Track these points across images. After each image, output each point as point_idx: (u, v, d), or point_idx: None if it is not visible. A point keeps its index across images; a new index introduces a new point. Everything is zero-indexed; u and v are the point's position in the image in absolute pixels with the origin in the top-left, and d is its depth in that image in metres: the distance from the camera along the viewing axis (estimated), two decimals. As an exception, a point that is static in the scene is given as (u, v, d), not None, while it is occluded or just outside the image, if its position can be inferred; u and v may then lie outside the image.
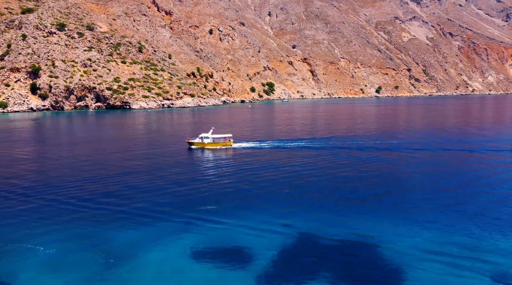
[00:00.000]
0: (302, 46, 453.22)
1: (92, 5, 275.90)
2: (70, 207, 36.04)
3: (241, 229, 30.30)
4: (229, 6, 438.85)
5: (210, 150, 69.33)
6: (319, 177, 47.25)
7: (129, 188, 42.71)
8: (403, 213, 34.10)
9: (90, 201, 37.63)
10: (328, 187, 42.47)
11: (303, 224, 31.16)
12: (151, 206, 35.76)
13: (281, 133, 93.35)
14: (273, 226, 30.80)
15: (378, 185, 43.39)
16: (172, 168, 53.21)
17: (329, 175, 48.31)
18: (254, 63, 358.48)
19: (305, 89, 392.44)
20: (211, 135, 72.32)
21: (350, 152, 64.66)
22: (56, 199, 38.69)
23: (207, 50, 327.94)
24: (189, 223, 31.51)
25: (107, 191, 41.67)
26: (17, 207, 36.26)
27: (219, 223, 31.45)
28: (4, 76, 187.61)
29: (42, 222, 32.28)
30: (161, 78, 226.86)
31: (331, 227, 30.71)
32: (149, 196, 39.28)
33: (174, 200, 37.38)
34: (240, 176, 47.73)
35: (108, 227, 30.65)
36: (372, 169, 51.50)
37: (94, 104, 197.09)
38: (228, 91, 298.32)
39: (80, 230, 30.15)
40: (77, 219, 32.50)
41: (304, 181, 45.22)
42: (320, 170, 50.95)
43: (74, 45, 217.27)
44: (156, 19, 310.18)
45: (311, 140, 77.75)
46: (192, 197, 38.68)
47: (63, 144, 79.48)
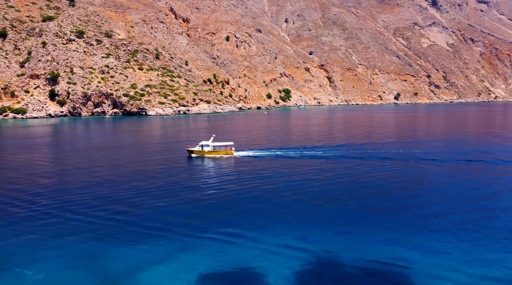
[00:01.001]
0: (319, 53, 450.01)
1: (111, 13, 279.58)
2: (73, 219, 34.08)
3: (253, 248, 27.68)
4: (246, 13, 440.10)
5: (211, 158, 66.59)
6: (334, 189, 44.28)
7: (133, 199, 40.66)
8: (433, 230, 30.96)
9: (95, 213, 35.65)
10: (346, 201, 39.51)
11: (320, 244, 28.34)
12: (155, 221, 33.37)
13: (294, 141, 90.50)
14: (288, 246, 28.05)
15: (402, 199, 40.22)
16: (180, 180, 51.03)
17: (347, 187, 45.29)
18: (270, 70, 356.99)
19: (322, 96, 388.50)
20: (212, 143, 69.38)
21: (369, 161, 61.37)
22: (60, 209, 36.90)
23: (224, 57, 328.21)
24: (197, 240, 28.99)
25: (111, 201, 39.73)
26: (17, 216, 34.57)
27: (230, 241, 28.87)
28: (24, 83, 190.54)
29: (41, 234, 30.38)
30: (178, 85, 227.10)
31: (353, 248, 27.83)
32: (155, 209, 37.03)
33: (179, 214, 34.84)
34: (248, 188, 44.97)
35: (111, 243, 28.37)
36: (394, 180, 48.25)
37: (111, 111, 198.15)
38: (244, 97, 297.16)
39: (80, 246, 27.99)
40: (78, 233, 30.39)
41: (319, 194, 42.34)
42: (335, 181, 47.94)
43: (92, 52, 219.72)
44: (174, 27, 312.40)
45: (327, 149, 74.67)
46: (198, 211, 36.15)
47: (77, 151, 78.52)
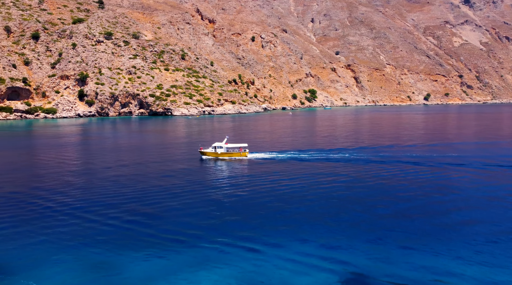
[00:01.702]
0: (345, 53, 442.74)
1: (139, 14, 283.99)
2: (90, 221, 33.23)
3: (275, 258, 25.83)
4: (271, 14, 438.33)
5: (224, 160, 64.61)
6: (360, 194, 41.77)
7: (150, 203, 39.58)
8: (469, 240, 28.24)
9: (111, 215, 34.69)
10: (373, 207, 37.04)
11: (352, 258, 26.13)
12: (171, 228, 31.83)
13: (317, 142, 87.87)
14: (313, 256, 26.06)
15: (432, 205, 37.36)
16: (196, 183, 49.72)
17: (374, 192, 42.69)
18: (296, 70, 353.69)
19: (348, 97, 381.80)
20: (225, 145, 67.32)
21: (397, 165, 58.28)
22: (78, 210, 36.22)
23: (249, 57, 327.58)
24: (214, 250, 27.31)
25: (127, 203, 38.78)
26: (35, 216, 34.06)
27: (250, 251, 27.09)
28: (55, 83, 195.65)
29: (54, 237, 29.58)
30: (203, 85, 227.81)
31: (384, 259, 25.54)
32: (171, 215, 35.69)
33: (195, 221, 33.10)
34: (265, 192, 42.90)
35: (124, 251, 26.98)
36: (423, 186, 45.23)
37: (138, 111, 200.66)
38: (269, 98, 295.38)
39: (92, 253, 26.79)
40: (92, 238, 29.29)
41: (343, 199, 40.00)
42: (361, 186, 45.33)
43: (120, 53, 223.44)
44: (200, 27, 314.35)
45: (352, 151, 71.77)
46: (215, 218, 34.42)
47: (103, 151, 78.87)
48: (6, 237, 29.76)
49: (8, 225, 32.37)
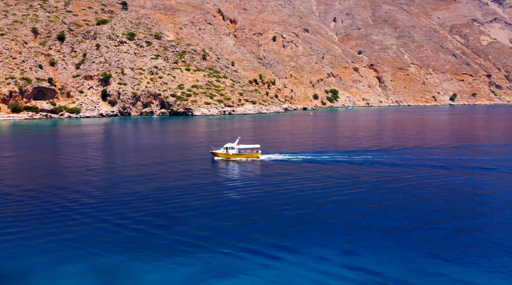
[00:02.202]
0: (368, 52, 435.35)
1: (161, 15, 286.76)
2: (103, 223, 32.51)
3: (293, 267, 24.33)
4: (293, 13, 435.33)
5: (235, 161, 63.11)
6: (382, 200, 39.70)
7: (166, 206, 38.65)
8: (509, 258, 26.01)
9: (126, 219, 33.83)
10: (396, 215, 34.98)
11: (375, 267, 24.38)
12: (188, 232, 30.71)
13: (336, 144, 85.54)
14: (338, 268, 24.30)
15: (466, 215, 35.03)
16: (210, 184, 48.57)
17: (397, 199, 40.54)
18: (317, 70, 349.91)
19: (371, 97, 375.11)
20: (237, 146, 65.90)
21: (421, 168, 55.61)
22: (92, 211, 35.64)
23: (270, 57, 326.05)
24: (229, 258, 25.92)
25: (143, 207, 37.98)
26: (48, 217, 33.63)
27: (271, 259, 25.58)
28: (79, 84, 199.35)
29: (65, 241, 28.93)
30: (223, 85, 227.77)
31: (416, 275, 23.68)
32: (187, 218, 34.65)
33: (213, 225, 31.80)
34: (284, 196, 41.35)
35: (140, 258, 25.74)
36: (457, 193, 42.76)
37: (159, 111, 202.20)
38: (290, 98, 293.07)
39: (103, 259, 25.77)
40: (103, 244, 28.38)
41: (363, 205, 38.02)
42: (382, 191, 43.17)
43: (142, 54, 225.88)
44: (221, 28, 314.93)
45: (374, 153, 69.24)
46: (232, 222, 33.07)
47: (124, 150, 78.97)
48: (16, 239, 29.35)
49: (18, 225, 32.05)
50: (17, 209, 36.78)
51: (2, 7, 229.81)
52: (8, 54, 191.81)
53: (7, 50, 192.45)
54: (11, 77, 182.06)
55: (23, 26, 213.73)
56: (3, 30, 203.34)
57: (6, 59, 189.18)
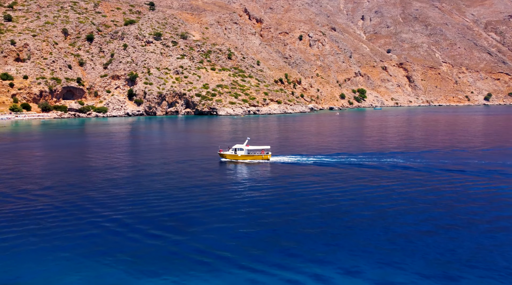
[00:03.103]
0: (397, 51, 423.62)
1: (188, 15, 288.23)
2: (114, 231, 30.67)
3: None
4: (320, 12, 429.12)
5: (244, 163, 60.01)
6: (411, 212, 36.15)
7: (177, 213, 36.56)
8: None
9: (137, 228, 31.89)
10: (426, 229, 31.51)
11: None
12: (198, 246, 28.32)
13: (360, 145, 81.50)
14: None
15: (494, 226, 31.20)
16: (230, 191, 46.13)
17: (430, 210, 36.88)
18: (344, 69, 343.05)
19: (400, 96, 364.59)
20: (246, 147, 62.56)
21: (456, 175, 51.32)
22: (106, 216, 33.97)
23: (296, 57, 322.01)
24: (246, 273, 23.41)
25: (155, 213, 36.05)
26: (58, 222, 32.17)
27: (288, 283, 22.95)
28: (106, 83, 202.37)
29: (73, 250, 27.21)
30: (248, 85, 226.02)
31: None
32: (197, 228, 32.40)
33: (224, 239, 29.14)
34: (298, 204, 38.50)
35: (147, 274, 23.59)
36: (488, 203, 38.70)
37: (184, 110, 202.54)
38: (316, 98, 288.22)
39: (111, 273, 23.69)
40: (113, 254, 26.37)
41: (388, 217, 34.65)
42: (411, 201, 39.55)
43: (168, 54, 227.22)
44: (247, 27, 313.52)
45: (409, 156, 65.08)
46: (244, 234, 30.51)
47: (150, 150, 78.01)
48: (15, 245, 27.94)
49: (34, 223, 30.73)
50: (32, 207, 35.70)
51: (35, 9, 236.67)
52: (39, 54, 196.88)
53: (38, 51, 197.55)
54: (41, 77, 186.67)
55: (54, 27, 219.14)
56: (35, 32, 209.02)
57: (37, 60, 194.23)
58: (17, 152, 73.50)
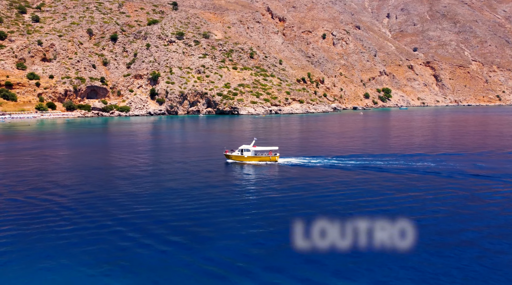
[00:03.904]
0: (424, 49, 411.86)
1: (210, 14, 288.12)
2: (122, 242, 28.81)
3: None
4: (344, 10, 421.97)
5: (250, 165, 57.06)
6: (435, 222, 32.85)
7: (192, 219, 34.48)
8: None
9: (150, 235, 29.93)
10: (453, 241, 28.28)
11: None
12: (212, 256, 26.19)
13: (389, 147, 77.57)
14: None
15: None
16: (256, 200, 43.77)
17: (454, 220, 33.49)
18: (369, 68, 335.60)
19: (426, 96, 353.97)
20: (253, 148, 59.48)
21: (493, 182, 47.30)
22: (119, 222, 32.27)
23: (319, 55, 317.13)
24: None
25: (169, 218, 34.10)
26: (65, 229, 30.66)
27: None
28: (129, 83, 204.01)
29: (74, 263, 25.48)
30: (270, 84, 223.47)
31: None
32: (211, 236, 30.23)
33: (238, 249, 26.80)
34: (315, 213, 35.78)
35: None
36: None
37: (205, 110, 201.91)
38: (340, 97, 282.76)
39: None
40: (121, 268, 24.42)
41: (407, 229, 31.44)
42: (434, 209, 36.13)
43: (190, 53, 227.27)
44: (269, 26, 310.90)
45: (440, 159, 61.12)
46: (262, 245, 28.26)
47: (172, 150, 76.79)
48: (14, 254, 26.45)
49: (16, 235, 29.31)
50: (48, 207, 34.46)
51: (61, 10, 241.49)
52: (64, 54, 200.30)
53: (64, 51, 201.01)
54: (66, 76, 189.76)
55: (80, 27, 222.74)
56: (61, 32, 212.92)
57: (62, 60, 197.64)
58: (42, 151, 73.54)
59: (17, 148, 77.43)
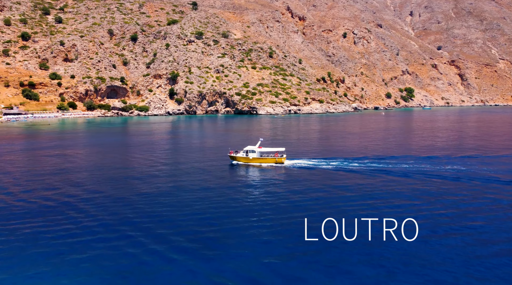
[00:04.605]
0: (449, 47, 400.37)
1: (229, 14, 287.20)
2: (131, 248, 27.12)
3: None
4: (365, 8, 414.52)
5: (256, 167, 54.77)
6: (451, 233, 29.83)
7: (205, 225, 32.60)
8: None
9: (161, 241, 28.20)
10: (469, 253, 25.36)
11: None
12: (226, 267, 24.23)
13: (412, 148, 73.89)
14: None
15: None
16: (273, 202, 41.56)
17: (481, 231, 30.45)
18: (391, 67, 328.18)
19: (451, 96, 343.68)
20: (258, 149, 57.17)
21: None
22: (123, 228, 30.69)
23: (340, 55, 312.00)
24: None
25: (179, 222, 32.33)
26: (70, 235, 29.21)
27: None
28: (148, 82, 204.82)
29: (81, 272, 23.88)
30: (290, 83, 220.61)
31: None
32: (224, 244, 28.23)
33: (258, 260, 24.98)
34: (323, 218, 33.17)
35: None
36: None
37: (224, 109, 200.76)
38: (361, 97, 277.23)
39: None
40: (127, 280, 22.79)
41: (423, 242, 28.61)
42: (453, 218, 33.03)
43: (209, 52, 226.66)
44: (289, 25, 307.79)
45: (469, 163, 57.44)
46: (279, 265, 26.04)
47: (191, 150, 75.44)
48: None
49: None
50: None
51: (83, 11, 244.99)
52: (86, 55, 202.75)
53: (85, 51, 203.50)
54: (87, 76, 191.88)
55: (101, 28, 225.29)
56: (83, 33, 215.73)
57: (84, 60, 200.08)
58: (63, 150, 73.32)
59: (36, 147, 77.49)
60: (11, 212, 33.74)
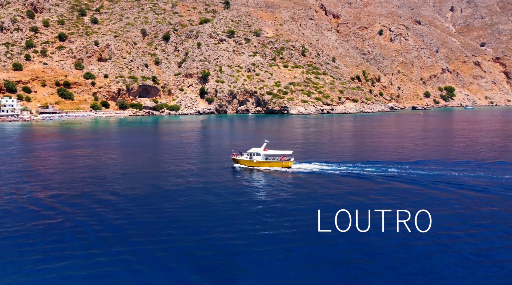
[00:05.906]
0: (493, 44, 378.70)
1: (262, 12, 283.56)
2: (139, 254, 23.73)
3: None
4: (403, 4, 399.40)
5: (260, 170, 50.20)
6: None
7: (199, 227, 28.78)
8: None
9: (179, 250, 24.70)
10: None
11: None
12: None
13: (452, 151, 66.94)
14: None
15: None
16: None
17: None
18: (430, 65, 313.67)
19: (496, 95, 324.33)
20: (263, 152, 52.85)
21: None
22: (136, 234, 27.41)
23: (375, 52, 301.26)
24: None
25: (196, 230, 28.70)
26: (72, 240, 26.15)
27: None
28: (180, 82, 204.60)
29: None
30: (322, 82, 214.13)
31: None
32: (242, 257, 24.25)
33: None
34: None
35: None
36: None
37: (254, 109, 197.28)
38: (397, 96, 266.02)
39: None
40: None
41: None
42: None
43: (240, 51, 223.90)
44: (323, 23, 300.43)
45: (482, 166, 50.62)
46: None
47: (218, 151, 72.35)
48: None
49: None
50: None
51: (118, 12, 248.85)
52: (119, 54, 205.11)
53: (118, 51, 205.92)
54: (120, 76, 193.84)
55: (134, 28, 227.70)
56: (117, 33, 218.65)
57: (117, 59, 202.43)
58: (97, 148, 72.11)
59: (68, 145, 76.73)
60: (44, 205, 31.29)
